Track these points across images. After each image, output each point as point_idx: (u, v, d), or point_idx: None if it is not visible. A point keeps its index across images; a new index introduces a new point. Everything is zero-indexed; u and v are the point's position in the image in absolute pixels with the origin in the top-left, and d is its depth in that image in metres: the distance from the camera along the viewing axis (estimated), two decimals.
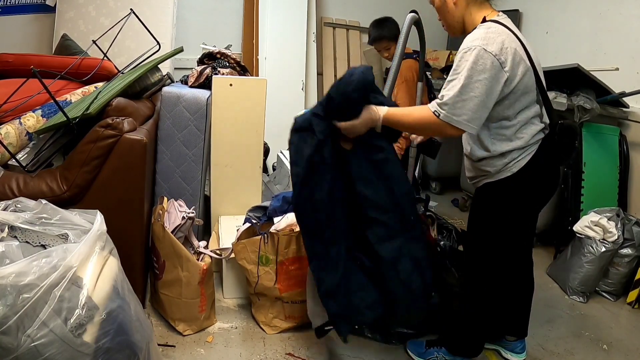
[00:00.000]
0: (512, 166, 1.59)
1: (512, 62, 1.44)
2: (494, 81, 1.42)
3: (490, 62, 1.40)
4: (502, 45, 1.42)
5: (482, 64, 1.40)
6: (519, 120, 1.56)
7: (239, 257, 2.08)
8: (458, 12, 1.57)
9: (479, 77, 1.40)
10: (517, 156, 1.59)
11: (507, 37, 1.45)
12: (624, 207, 2.90)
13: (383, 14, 4.66)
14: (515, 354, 2.03)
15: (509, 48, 1.44)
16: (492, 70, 1.41)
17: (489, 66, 1.40)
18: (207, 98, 2.37)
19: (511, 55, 1.44)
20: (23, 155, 2.03)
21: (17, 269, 1.22)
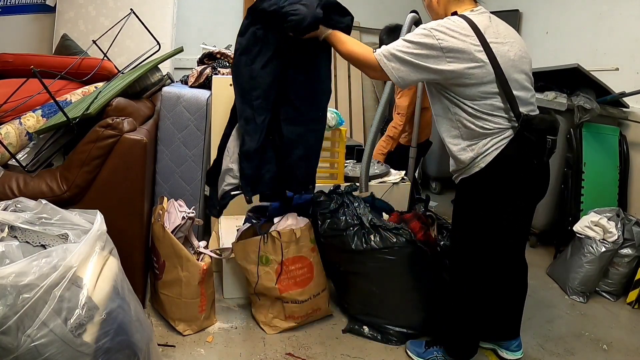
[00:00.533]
0: (479, 161, 1.62)
1: (452, 50, 1.53)
2: (429, 56, 1.54)
3: (431, 41, 1.53)
4: (447, 33, 1.53)
5: (425, 40, 1.54)
6: (475, 109, 1.59)
7: (239, 257, 2.08)
8: (441, 10, 1.68)
9: (418, 46, 1.55)
10: (484, 151, 1.60)
11: (459, 30, 1.54)
12: (624, 207, 2.91)
13: (383, 14, 4.68)
14: (511, 352, 2.02)
15: (453, 38, 1.53)
16: (430, 48, 1.53)
17: (429, 43, 1.53)
18: (207, 98, 2.38)
19: (453, 44, 1.52)
20: (23, 155, 2.03)
21: (17, 269, 1.22)
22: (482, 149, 1.61)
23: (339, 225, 2.07)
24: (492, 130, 1.60)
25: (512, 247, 1.84)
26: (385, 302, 2.09)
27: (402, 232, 2.01)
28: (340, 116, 2.53)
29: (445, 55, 1.53)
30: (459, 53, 1.53)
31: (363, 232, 2.03)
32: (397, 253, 2.00)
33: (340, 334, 2.14)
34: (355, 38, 5.15)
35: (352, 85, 4.58)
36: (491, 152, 1.60)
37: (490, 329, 1.96)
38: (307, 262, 2.09)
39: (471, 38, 1.53)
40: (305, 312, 2.12)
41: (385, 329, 2.10)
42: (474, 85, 1.56)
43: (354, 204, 2.13)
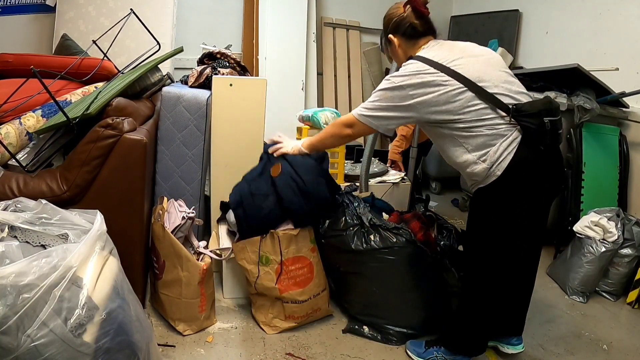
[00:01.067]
0: (495, 170, 1.63)
1: (412, 86, 1.64)
2: (404, 109, 1.66)
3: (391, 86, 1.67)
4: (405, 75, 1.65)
5: (387, 86, 1.68)
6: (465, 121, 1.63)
7: (239, 257, 2.08)
8: (402, 56, 1.80)
9: (382, 97, 1.69)
10: (497, 158, 1.62)
11: (414, 70, 1.65)
12: (624, 207, 2.91)
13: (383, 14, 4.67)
14: (512, 347, 2.02)
15: (410, 77, 1.64)
16: (402, 100, 1.65)
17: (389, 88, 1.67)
18: (207, 98, 2.37)
19: (411, 82, 1.64)
20: (23, 155, 2.03)
21: (17, 269, 1.22)
22: (494, 157, 1.62)
23: (339, 225, 2.07)
24: (494, 133, 1.61)
25: (530, 244, 1.85)
26: (385, 302, 2.09)
27: (402, 232, 2.01)
28: (340, 116, 2.53)
29: (409, 93, 1.64)
30: (420, 87, 1.63)
31: (363, 232, 2.03)
32: (397, 253, 2.00)
33: (340, 334, 2.14)
34: (355, 38, 5.12)
35: (352, 85, 4.58)
36: (505, 157, 1.61)
37: (498, 325, 1.97)
38: (307, 262, 2.09)
39: (426, 71, 1.63)
40: (305, 312, 2.12)
41: (385, 329, 2.10)
42: (449, 104, 1.62)
43: (353, 204, 2.14)
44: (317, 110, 2.54)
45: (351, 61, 4.59)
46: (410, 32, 1.76)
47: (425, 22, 1.75)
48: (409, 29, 1.75)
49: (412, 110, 1.66)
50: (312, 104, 4.30)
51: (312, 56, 4.32)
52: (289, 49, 4.14)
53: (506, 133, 1.62)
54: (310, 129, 2.56)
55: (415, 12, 1.73)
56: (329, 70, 4.51)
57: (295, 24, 4.16)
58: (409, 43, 1.78)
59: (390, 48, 1.84)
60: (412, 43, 1.77)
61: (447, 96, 1.61)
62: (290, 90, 4.14)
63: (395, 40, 1.79)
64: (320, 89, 4.49)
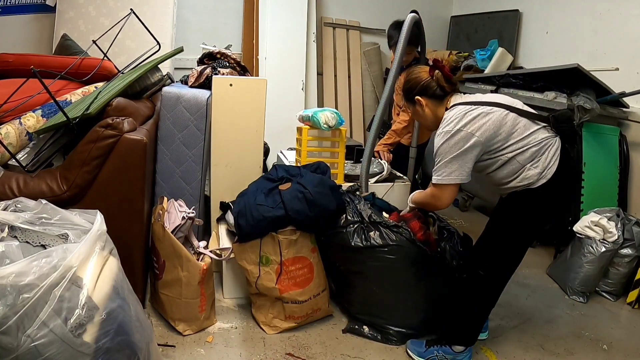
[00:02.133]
0: (546, 173, 1.77)
1: (475, 124, 1.74)
2: (470, 147, 1.74)
3: (454, 136, 1.75)
4: (464, 120, 1.75)
5: (449, 141, 1.76)
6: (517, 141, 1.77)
7: (239, 258, 2.08)
8: (431, 114, 1.91)
9: (448, 148, 1.77)
10: (547, 163, 1.77)
11: (461, 114, 1.77)
12: (624, 207, 2.90)
13: (383, 14, 4.68)
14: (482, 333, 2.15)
15: (463, 119, 1.76)
16: (457, 141, 1.75)
17: (455, 139, 1.75)
18: (207, 98, 2.37)
19: (466, 120, 1.75)
20: (23, 155, 2.03)
21: (17, 269, 1.22)
22: (545, 162, 1.77)
23: (339, 222, 2.07)
24: (542, 145, 1.78)
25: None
26: (385, 301, 2.09)
27: (401, 231, 2.01)
28: (340, 116, 2.53)
29: (468, 131, 1.74)
30: (473, 122, 1.75)
31: (363, 229, 2.04)
32: (396, 252, 2.00)
33: (340, 334, 2.14)
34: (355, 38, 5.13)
35: (352, 85, 4.58)
36: (554, 162, 1.78)
37: None
38: (307, 263, 2.10)
39: (471, 109, 1.77)
40: (306, 312, 2.12)
41: (385, 329, 2.10)
42: (502, 127, 1.76)
43: (354, 202, 2.14)
44: (317, 110, 2.54)
45: (351, 61, 4.59)
46: (439, 93, 1.87)
47: (452, 83, 1.88)
48: (437, 91, 1.87)
49: (477, 145, 1.75)
50: (312, 104, 4.30)
51: (312, 56, 4.32)
52: (289, 49, 4.14)
53: (551, 142, 1.80)
54: (310, 129, 2.56)
55: (444, 76, 1.85)
56: (329, 70, 4.52)
57: (295, 24, 4.16)
58: (437, 102, 1.90)
59: (416, 108, 1.94)
60: (439, 102, 1.89)
61: (498, 120, 1.75)
62: (290, 90, 4.14)
63: (423, 101, 1.90)
64: (320, 89, 4.50)
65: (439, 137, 1.79)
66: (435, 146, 1.81)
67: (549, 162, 1.78)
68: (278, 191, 2.09)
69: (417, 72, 1.93)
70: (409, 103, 1.98)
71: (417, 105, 1.92)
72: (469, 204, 3.96)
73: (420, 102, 1.90)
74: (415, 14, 2.52)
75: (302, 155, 2.57)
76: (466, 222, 3.65)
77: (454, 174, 1.78)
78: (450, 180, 1.80)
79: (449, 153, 1.77)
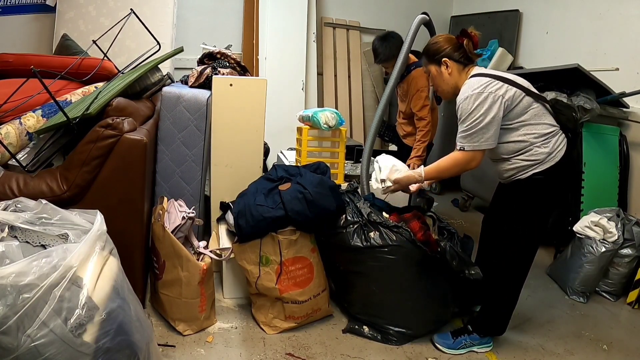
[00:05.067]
0: (555, 155, 1.84)
1: (497, 87, 1.81)
2: (490, 108, 1.79)
3: (482, 97, 1.79)
4: (486, 83, 1.82)
5: (478, 103, 1.79)
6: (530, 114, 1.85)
7: (239, 258, 2.08)
8: (450, 78, 1.95)
9: (479, 111, 1.79)
10: (557, 146, 1.84)
11: (485, 83, 1.82)
12: (624, 207, 2.90)
13: (383, 14, 4.69)
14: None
15: (490, 82, 1.82)
16: (487, 101, 1.79)
17: (482, 100, 1.79)
18: (207, 98, 2.37)
19: (493, 84, 1.81)
20: (23, 155, 2.03)
21: (17, 269, 1.22)
22: (555, 145, 1.85)
23: (339, 222, 2.07)
24: (553, 130, 1.85)
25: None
26: (385, 301, 2.09)
27: (401, 231, 2.01)
28: (340, 116, 2.53)
29: (490, 91, 1.79)
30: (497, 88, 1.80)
31: (363, 230, 2.04)
32: (396, 252, 2.00)
33: (340, 334, 2.14)
34: (355, 38, 5.12)
35: (352, 85, 4.58)
36: (561, 148, 1.86)
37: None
38: (307, 263, 2.10)
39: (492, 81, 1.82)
40: (306, 313, 2.12)
41: (385, 329, 2.10)
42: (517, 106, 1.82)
43: (354, 202, 2.14)
44: (317, 110, 2.54)
45: (351, 61, 4.59)
46: (464, 59, 1.93)
47: (477, 55, 1.95)
48: (463, 58, 1.92)
49: (497, 109, 1.78)
50: (312, 104, 4.30)
51: (312, 56, 4.32)
52: (289, 49, 4.14)
53: (559, 131, 1.88)
54: (310, 129, 2.56)
55: (473, 45, 1.92)
56: (329, 70, 4.52)
57: (295, 24, 4.16)
58: (460, 69, 1.94)
59: (440, 70, 1.95)
60: (462, 69, 1.94)
61: (515, 96, 1.81)
62: (290, 90, 4.14)
63: (449, 64, 1.93)
64: (320, 89, 4.49)
65: (469, 99, 1.81)
66: (465, 109, 1.82)
67: (558, 146, 1.85)
68: (278, 191, 2.09)
69: (445, 36, 1.98)
70: (431, 64, 1.99)
71: (442, 66, 1.94)
72: (469, 204, 3.96)
73: (447, 64, 1.92)
74: (425, 15, 2.49)
75: (302, 155, 2.57)
76: (466, 222, 3.65)
77: (490, 140, 1.81)
78: (487, 146, 1.83)
79: (483, 117, 1.78)
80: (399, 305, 2.09)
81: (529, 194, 1.89)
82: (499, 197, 2.08)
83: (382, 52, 2.84)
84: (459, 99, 1.86)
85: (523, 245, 1.95)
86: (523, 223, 1.92)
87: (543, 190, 1.88)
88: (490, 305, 2.05)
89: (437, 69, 1.96)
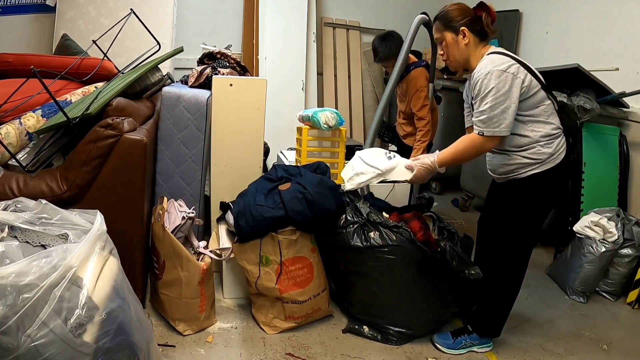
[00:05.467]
0: (556, 157, 1.82)
1: (519, 70, 1.75)
2: (511, 89, 1.72)
3: (504, 76, 1.72)
4: (509, 63, 1.75)
5: (500, 81, 1.71)
6: (541, 109, 1.81)
7: (239, 258, 2.08)
8: (465, 51, 1.85)
9: (501, 91, 1.72)
10: (559, 148, 1.82)
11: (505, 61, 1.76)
12: (624, 207, 2.90)
13: (383, 14, 4.69)
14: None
15: (513, 64, 1.76)
16: (508, 81, 1.72)
17: (505, 79, 1.72)
18: (207, 98, 2.37)
19: (516, 66, 1.75)
20: (23, 155, 2.03)
21: (17, 269, 1.22)
22: (558, 146, 1.83)
23: (339, 222, 2.07)
24: (559, 131, 1.83)
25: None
26: (385, 301, 2.09)
27: (401, 231, 2.01)
28: (340, 116, 2.53)
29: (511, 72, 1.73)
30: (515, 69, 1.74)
31: (363, 230, 2.04)
32: (396, 252, 2.00)
33: (340, 334, 2.14)
34: (355, 38, 5.11)
35: (352, 85, 4.58)
36: (562, 151, 1.84)
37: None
38: (307, 263, 2.10)
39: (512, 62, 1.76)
40: (306, 312, 2.12)
41: (385, 329, 2.10)
42: (531, 97, 1.78)
43: (354, 202, 2.14)
44: (317, 110, 2.54)
45: (351, 61, 4.59)
46: (481, 33, 1.83)
47: (492, 31, 1.86)
48: (481, 30, 1.83)
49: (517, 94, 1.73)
50: (312, 104, 4.30)
51: (312, 56, 4.32)
52: (289, 49, 4.14)
53: (562, 133, 1.86)
54: (310, 129, 2.56)
55: (490, 18, 1.83)
56: (329, 70, 4.52)
57: (295, 24, 4.16)
58: (476, 42, 1.84)
59: (457, 38, 1.83)
60: (478, 43, 1.85)
61: (532, 86, 1.77)
62: (290, 90, 4.14)
63: (467, 34, 1.81)
64: (320, 89, 4.50)
65: (490, 75, 1.72)
66: (486, 85, 1.73)
67: (560, 148, 1.83)
68: (278, 191, 2.09)
69: (463, 5, 1.87)
70: (446, 31, 1.85)
71: (459, 35, 1.82)
72: (469, 204, 3.96)
73: (465, 34, 1.82)
74: (425, 15, 2.49)
75: (302, 155, 2.57)
76: (466, 222, 3.65)
77: (509, 126, 1.75)
78: (506, 132, 1.77)
79: (504, 97, 1.71)
80: (399, 305, 2.09)
81: (526, 194, 1.86)
82: (494, 197, 2.05)
83: (382, 51, 2.85)
84: (478, 74, 1.76)
85: (520, 245, 1.93)
86: (520, 223, 1.90)
87: (540, 191, 1.86)
88: (488, 305, 2.04)
89: (453, 37, 1.83)
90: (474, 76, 1.79)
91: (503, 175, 1.91)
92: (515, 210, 1.90)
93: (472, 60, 1.85)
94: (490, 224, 2.04)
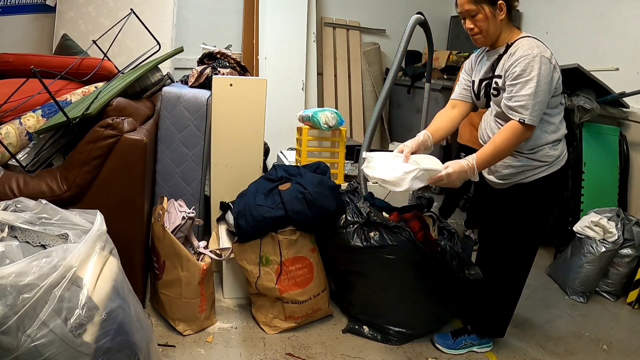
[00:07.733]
0: (561, 159, 1.82)
1: (557, 64, 1.74)
2: (551, 80, 1.70)
3: (549, 65, 1.68)
4: (550, 53, 1.72)
5: (546, 68, 1.66)
6: (558, 111, 1.82)
7: (239, 258, 2.08)
8: (499, 26, 1.78)
9: (546, 79, 1.67)
10: (563, 151, 1.83)
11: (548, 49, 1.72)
12: (624, 207, 2.91)
13: (383, 14, 4.69)
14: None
15: (553, 55, 1.73)
16: (550, 72, 1.68)
17: (549, 69, 1.68)
18: (207, 98, 2.37)
19: (554, 59, 1.73)
20: (23, 155, 2.03)
21: (17, 269, 1.22)
22: (562, 150, 1.83)
23: (339, 222, 2.07)
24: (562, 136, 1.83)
25: None
26: (385, 302, 2.09)
27: (402, 231, 2.01)
28: (340, 116, 2.53)
29: (552, 63, 1.71)
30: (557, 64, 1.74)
31: (363, 230, 2.04)
32: (396, 252, 2.00)
33: (340, 334, 2.14)
34: (355, 38, 5.10)
35: (352, 86, 4.58)
36: (566, 153, 1.85)
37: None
38: (307, 263, 2.10)
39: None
40: (306, 313, 2.12)
41: (386, 329, 2.10)
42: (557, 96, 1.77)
43: (354, 202, 2.14)
44: (317, 110, 2.54)
45: (351, 61, 4.59)
46: (511, 13, 1.77)
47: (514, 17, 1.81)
48: (511, 10, 1.76)
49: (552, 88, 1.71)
50: (312, 104, 4.30)
51: (312, 56, 4.32)
52: (289, 49, 4.14)
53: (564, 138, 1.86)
54: (310, 129, 2.56)
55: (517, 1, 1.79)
56: (329, 70, 4.52)
57: (295, 24, 4.16)
58: (508, 19, 1.77)
59: (495, 12, 1.73)
60: (509, 21, 1.78)
61: (559, 84, 1.76)
62: (290, 90, 4.14)
63: (504, 9, 1.73)
64: (320, 89, 4.50)
65: (537, 59, 1.65)
66: (531, 68, 1.65)
67: (563, 151, 1.84)
68: (278, 191, 2.09)
69: None
70: (484, 3, 1.72)
71: (496, 9, 1.72)
72: (469, 204, 3.95)
73: (502, 9, 1.72)
74: (420, 15, 2.49)
75: (302, 155, 2.57)
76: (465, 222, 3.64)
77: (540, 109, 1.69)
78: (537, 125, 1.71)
79: (547, 85, 1.67)
80: (399, 305, 2.09)
81: (532, 198, 1.84)
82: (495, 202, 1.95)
83: None
84: (523, 52, 1.67)
85: (524, 248, 1.93)
86: (526, 227, 1.88)
87: (547, 194, 1.84)
88: (491, 307, 2.04)
89: (491, 10, 1.72)
90: (514, 54, 1.69)
91: (506, 179, 1.84)
92: (521, 215, 1.87)
93: (503, 37, 1.78)
94: (493, 228, 1.99)
